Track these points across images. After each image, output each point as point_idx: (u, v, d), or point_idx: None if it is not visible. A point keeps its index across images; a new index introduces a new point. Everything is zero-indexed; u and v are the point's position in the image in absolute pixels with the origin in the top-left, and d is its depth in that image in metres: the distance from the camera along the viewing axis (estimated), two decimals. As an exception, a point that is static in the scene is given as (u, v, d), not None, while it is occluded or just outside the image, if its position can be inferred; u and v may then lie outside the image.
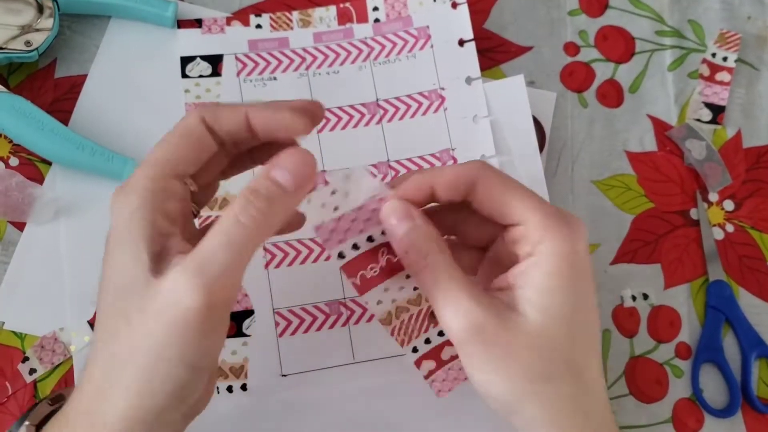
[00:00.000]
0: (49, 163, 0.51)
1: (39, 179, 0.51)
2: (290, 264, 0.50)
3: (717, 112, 0.58)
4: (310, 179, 0.33)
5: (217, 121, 0.35)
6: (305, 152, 0.33)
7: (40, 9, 0.52)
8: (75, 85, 0.53)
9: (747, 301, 0.53)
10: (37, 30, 0.51)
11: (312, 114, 0.37)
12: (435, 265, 0.35)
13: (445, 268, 0.35)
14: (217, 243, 0.31)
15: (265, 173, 0.33)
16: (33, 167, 0.51)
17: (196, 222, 0.39)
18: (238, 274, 0.31)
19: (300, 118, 0.35)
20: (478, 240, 0.40)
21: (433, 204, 0.38)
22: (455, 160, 0.52)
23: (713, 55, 0.59)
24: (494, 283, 0.37)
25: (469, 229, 0.39)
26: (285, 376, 0.47)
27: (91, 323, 0.47)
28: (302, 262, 0.50)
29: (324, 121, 0.53)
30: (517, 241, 0.36)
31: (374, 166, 0.52)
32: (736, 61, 0.59)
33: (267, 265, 0.50)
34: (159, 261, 0.32)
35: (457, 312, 0.33)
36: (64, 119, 0.51)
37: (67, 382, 0.47)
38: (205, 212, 0.50)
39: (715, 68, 0.59)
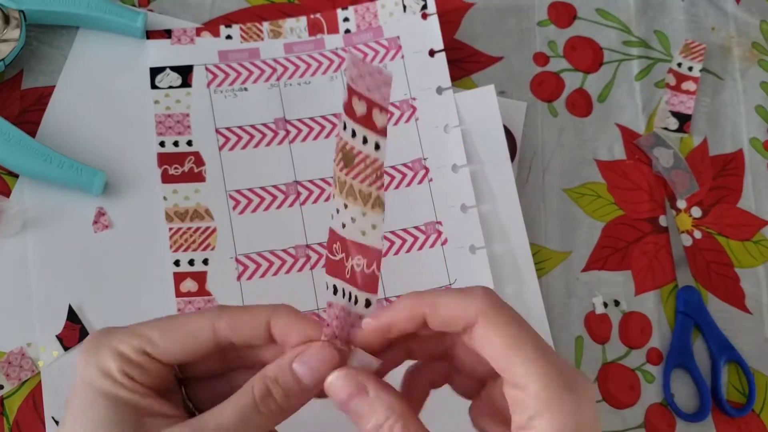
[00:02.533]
0: (16, 176, 0.50)
1: (6, 192, 0.50)
2: (263, 276, 0.49)
3: (683, 120, 0.59)
4: (325, 376, 0.32)
5: (234, 333, 0.32)
6: (330, 351, 0.32)
7: (6, 20, 0.51)
8: (42, 96, 0.52)
9: (715, 307, 0.54)
10: (4, 41, 0.51)
11: None
12: None
13: None
14: (230, 420, 0.30)
15: (288, 364, 0.31)
16: (-1, 180, 0.50)
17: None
18: None
19: (334, 349, 0.32)
20: (472, 372, 0.34)
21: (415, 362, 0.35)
22: (427, 169, 0.53)
23: (679, 64, 0.60)
24: None
25: (463, 358, 0.34)
26: None
27: (60, 338, 0.47)
28: (275, 274, 0.50)
29: (295, 131, 0.53)
30: (512, 404, 0.31)
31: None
32: (701, 70, 0.60)
33: (239, 278, 0.49)
34: (138, 422, 0.30)
35: None
36: (32, 131, 0.51)
37: (35, 398, 0.46)
38: (175, 224, 0.50)
39: (681, 78, 0.60)
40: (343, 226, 0.33)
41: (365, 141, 0.33)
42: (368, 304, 0.33)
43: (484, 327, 0.30)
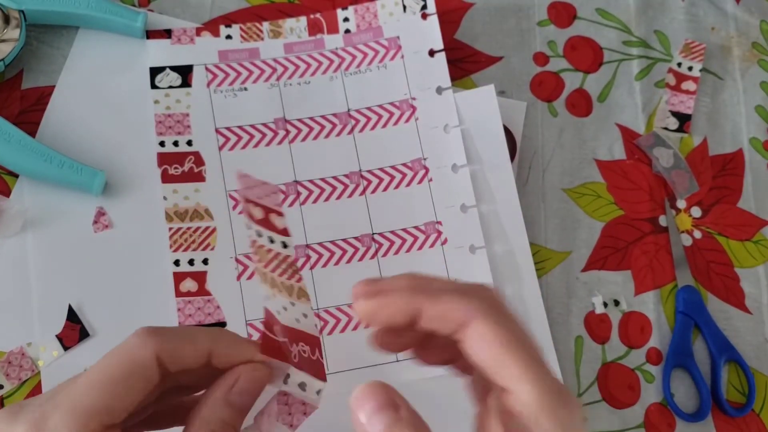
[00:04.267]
0: (16, 176, 0.50)
1: (6, 192, 0.50)
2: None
3: (683, 120, 0.59)
4: (261, 392, 0.31)
5: (174, 359, 0.30)
6: (263, 370, 0.31)
7: (6, 20, 0.51)
8: (42, 96, 0.52)
9: (715, 306, 0.54)
10: (4, 41, 0.51)
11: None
12: None
13: None
14: None
15: (223, 398, 0.30)
16: (-1, 180, 0.50)
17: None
18: None
19: (266, 367, 0.32)
20: (464, 368, 0.34)
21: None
22: (427, 169, 0.53)
23: (679, 64, 0.60)
24: None
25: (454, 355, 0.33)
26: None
27: (60, 337, 0.47)
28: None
29: (295, 131, 0.53)
30: (504, 408, 0.29)
31: (346, 176, 0.52)
32: (701, 70, 0.60)
33: (239, 277, 0.49)
34: None
35: None
36: (32, 131, 0.51)
37: (35, 397, 0.46)
38: (175, 224, 0.50)
39: (680, 77, 0.60)
40: (278, 313, 0.33)
41: (272, 241, 0.33)
42: (318, 392, 0.33)
43: (477, 331, 0.29)
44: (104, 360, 0.29)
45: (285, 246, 0.33)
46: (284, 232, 0.33)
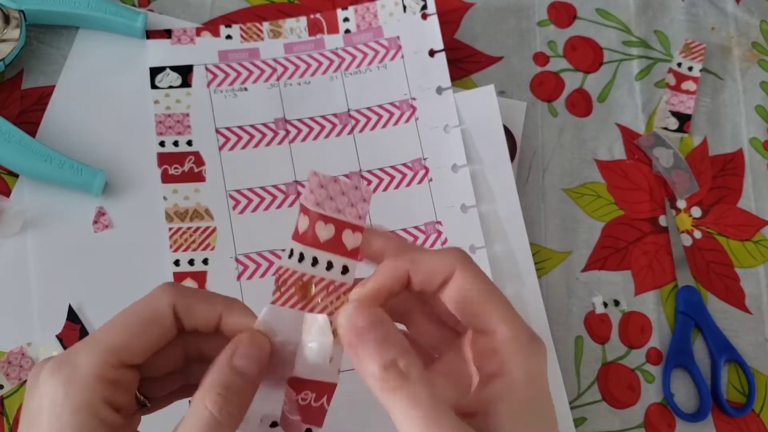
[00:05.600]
0: (16, 176, 0.50)
1: (6, 192, 0.50)
2: (262, 276, 0.49)
3: (683, 120, 0.59)
4: (266, 362, 0.32)
5: (188, 314, 0.32)
6: (259, 336, 0.32)
7: (7, 20, 0.51)
8: (42, 96, 0.52)
9: (715, 306, 0.54)
10: (4, 41, 0.51)
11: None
12: (415, 385, 0.29)
13: (425, 387, 0.29)
14: None
15: (227, 363, 0.31)
16: (-1, 180, 0.50)
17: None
18: None
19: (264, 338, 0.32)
20: (427, 339, 0.35)
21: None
22: (427, 169, 0.53)
23: (679, 64, 0.60)
24: (460, 405, 0.32)
25: (421, 323, 0.35)
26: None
27: (60, 337, 0.47)
28: (274, 274, 0.49)
29: (295, 131, 0.53)
30: (482, 352, 0.32)
31: (346, 176, 0.52)
32: (701, 70, 0.60)
33: (239, 277, 0.49)
34: None
35: None
36: (32, 131, 0.51)
37: (35, 397, 0.46)
38: (175, 224, 0.50)
39: (680, 77, 0.60)
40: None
41: (330, 266, 0.31)
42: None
43: (459, 280, 0.31)
44: (128, 307, 0.31)
45: (345, 271, 0.31)
46: (354, 253, 0.31)
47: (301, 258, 0.31)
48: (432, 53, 0.55)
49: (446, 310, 0.33)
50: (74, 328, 0.47)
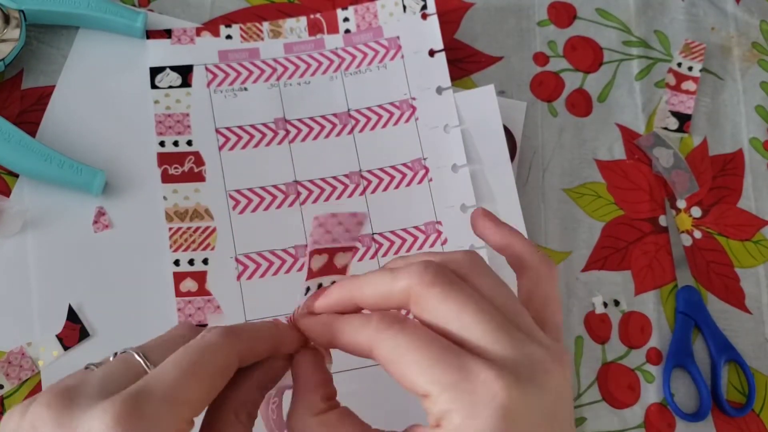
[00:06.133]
0: (16, 176, 0.50)
1: (6, 191, 0.50)
2: (262, 275, 0.49)
3: (683, 120, 0.59)
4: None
5: (249, 357, 0.31)
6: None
7: (7, 19, 0.51)
8: (42, 96, 0.52)
9: (715, 306, 0.54)
10: (4, 41, 0.51)
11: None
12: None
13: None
14: None
15: (257, 383, 0.32)
16: (-1, 180, 0.50)
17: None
18: None
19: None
20: None
21: None
22: (427, 169, 0.53)
23: (679, 64, 0.60)
24: None
25: None
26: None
27: (60, 337, 0.47)
28: (275, 274, 0.50)
29: (295, 131, 0.53)
30: (426, 409, 0.29)
31: (346, 176, 0.52)
32: (701, 70, 0.60)
33: (239, 277, 0.49)
34: None
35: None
36: (32, 131, 0.51)
37: (35, 397, 0.46)
38: (175, 224, 0.50)
39: (680, 77, 0.60)
40: None
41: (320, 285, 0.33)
42: None
43: (376, 355, 0.29)
44: (189, 356, 0.29)
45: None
46: (343, 270, 0.33)
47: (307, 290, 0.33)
48: (432, 53, 0.55)
49: None
50: (74, 328, 0.47)
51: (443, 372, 0.27)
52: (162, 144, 0.52)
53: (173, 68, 0.54)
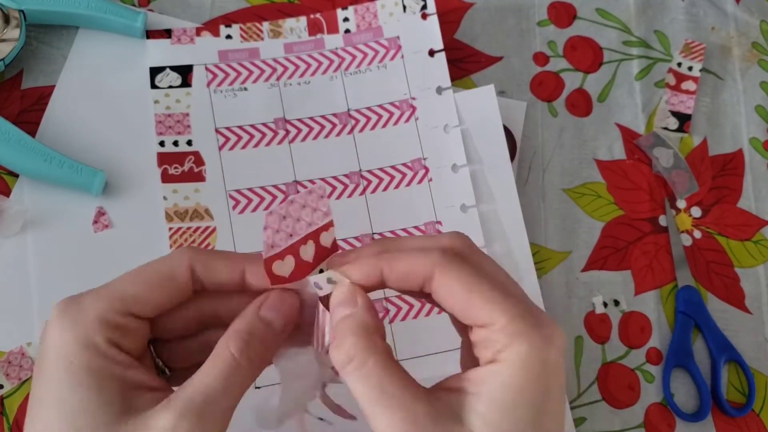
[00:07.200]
0: (16, 176, 0.50)
1: (6, 191, 0.50)
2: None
3: (683, 120, 0.59)
4: (294, 319, 0.33)
5: (209, 271, 0.32)
6: (291, 294, 0.33)
7: (6, 19, 0.51)
8: (42, 96, 0.52)
9: (715, 306, 0.54)
10: (3, 40, 0.51)
11: None
12: (373, 366, 0.30)
13: (380, 369, 0.29)
14: (216, 385, 0.30)
15: (254, 312, 0.32)
16: (-1, 180, 0.50)
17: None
18: (231, 414, 0.31)
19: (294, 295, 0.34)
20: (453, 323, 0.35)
21: None
22: (427, 169, 0.53)
23: (679, 64, 0.60)
24: (444, 381, 0.31)
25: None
26: (258, 387, 0.47)
27: (60, 337, 0.47)
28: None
29: (295, 131, 0.53)
30: (479, 344, 0.31)
31: (346, 176, 0.52)
32: (701, 70, 0.60)
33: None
34: (124, 399, 0.30)
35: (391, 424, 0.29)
36: (31, 131, 0.51)
37: (35, 397, 0.46)
38: (175, 224, 0.50)
39: (680, 77, 0.60)
40: None
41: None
42: None
43: (442, 279, 0.31)
44: (145, 263, 0.32)
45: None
46: (334, 247, 0.33)
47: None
48: (432, 53, 0.55)
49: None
50: (74, 328, 0.47)
51: (513, 304, 0.30)
52: (162, 144, 0.52)
53: (173, 68, 0.54)
